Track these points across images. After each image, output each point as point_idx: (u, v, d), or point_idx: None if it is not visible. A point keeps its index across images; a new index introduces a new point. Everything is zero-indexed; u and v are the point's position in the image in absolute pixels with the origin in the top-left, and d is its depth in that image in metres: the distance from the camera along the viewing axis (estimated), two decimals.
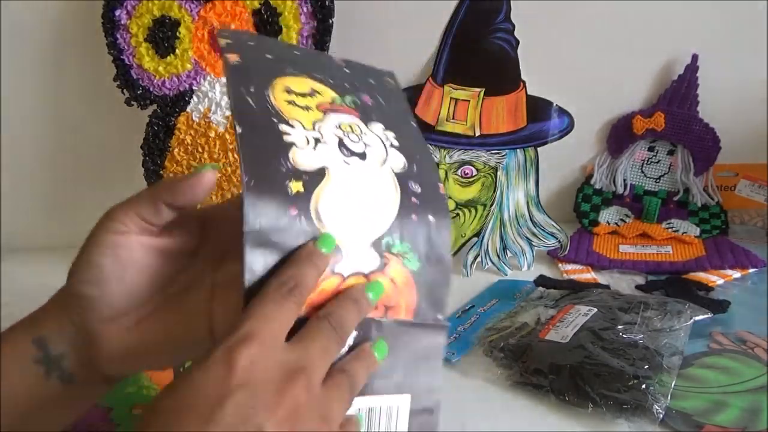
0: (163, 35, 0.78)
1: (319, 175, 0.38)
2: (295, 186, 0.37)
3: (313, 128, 0.40)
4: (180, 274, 0.39)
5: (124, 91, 0.81)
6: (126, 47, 0.79)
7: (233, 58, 0.41)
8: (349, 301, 0.35)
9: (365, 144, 0.41)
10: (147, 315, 0.37)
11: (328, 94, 0.43)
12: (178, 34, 0.78)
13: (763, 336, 0.60)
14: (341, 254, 0.38)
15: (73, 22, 0.85)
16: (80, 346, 0.36)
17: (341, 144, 0.40)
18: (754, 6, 0.80)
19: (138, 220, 0.36)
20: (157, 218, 0.36)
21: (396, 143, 0.43)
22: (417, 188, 0.41)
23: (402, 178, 0.41)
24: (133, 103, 0.81)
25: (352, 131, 0.41)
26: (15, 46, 0.86)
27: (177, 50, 0.79)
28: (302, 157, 0.38)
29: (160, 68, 0.79)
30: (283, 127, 0.39)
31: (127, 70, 0.80)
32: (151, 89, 0.81)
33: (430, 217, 0.41)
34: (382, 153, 0.42)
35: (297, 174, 0.37)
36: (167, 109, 0.81)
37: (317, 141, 0.39)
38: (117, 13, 0.78)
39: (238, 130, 0.37)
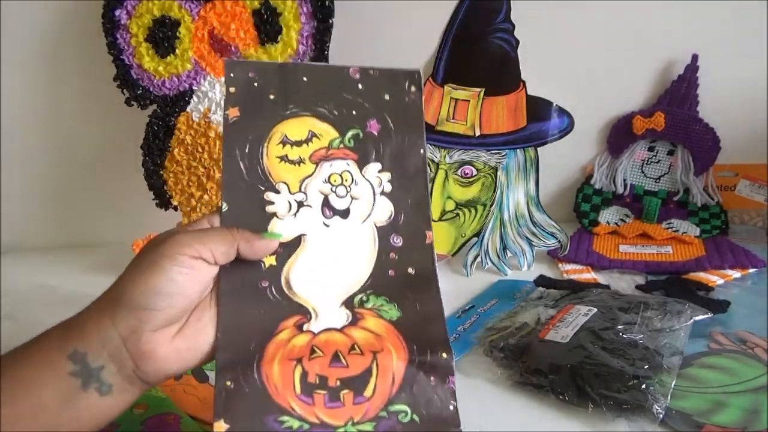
0: (163, 35, 0.78)
1: (294, 244, 0.43)
2: (268, 260, 0.43)
3: (300, 188, 0.44)
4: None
5: (124, 91, 0.81)
6: (126, 47, 0.79)
7: (233, 113, 0.45)
8: None
9: (352, 197, 0.44)
10: (190, 321, 0.40)
11: (327, 136, 0.45)
12: (178, 34, 0.78)
13: (763, 336, 0.60)
14: (311, 315, 0.42)
15: (73, 22, 0.85)
16: (123, 356, 0.37)
17: (325, 203, 0.44)
18: (754, 6, 0.81)
19: (209, 254, 0.40)
20: (225, 260, 0.41)
21: (388, 188, 0.45)
22: (398, 241, 0.44)
23: (384, 232, 0.44)
24: (133, 103, 0.81)
25: (342, 183, 0.44)
26: (15, 46, 0.86)
27: (177, 50, 0.79)
28: (280, 229, 0.43)
29: (160, 68, 0.79)
30: (268, 195, 0.44)
31: (127, 70, 0.80)
32: (151, 89, 0.81)
33: (410, 270, 0.43)
34: (368, 205, 0.44)
35: None
36: (167, 109, 0.81)
37: (300, 205, 0.44)
38: (117, 13, 0.78)
39: (224, 207, 0.43)
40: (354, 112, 0.45)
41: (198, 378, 0.58)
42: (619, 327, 0.58)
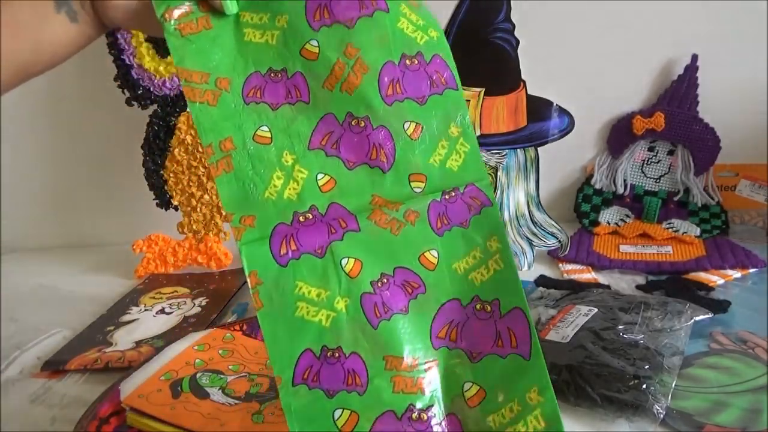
0: None
1: None
2: None
3: None
4: None
5: (125, 91, 0.81)
6: (126, 47, 0.79)
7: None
8: None
9: None
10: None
11: None
12: None
13: (764, 336, 0.60)
14: None
15: None
16: None
17: None
18: (754, 6, 0.81)
19: None
20: None
21: None
22: None
23: None
24: (133, 103, 0.81)
25: None
26: None
27: None
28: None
29: (161, 68, 0.79)
30: None
31: (127, 70, 0.80)
32: (151, 89, 0.81)
33: None
34: None
35: None
36: (168, 108, 0.81)
37: None
38: None
39: None
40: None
41: (197, 395, 0.57)
42: (620, 327, 0.58)
